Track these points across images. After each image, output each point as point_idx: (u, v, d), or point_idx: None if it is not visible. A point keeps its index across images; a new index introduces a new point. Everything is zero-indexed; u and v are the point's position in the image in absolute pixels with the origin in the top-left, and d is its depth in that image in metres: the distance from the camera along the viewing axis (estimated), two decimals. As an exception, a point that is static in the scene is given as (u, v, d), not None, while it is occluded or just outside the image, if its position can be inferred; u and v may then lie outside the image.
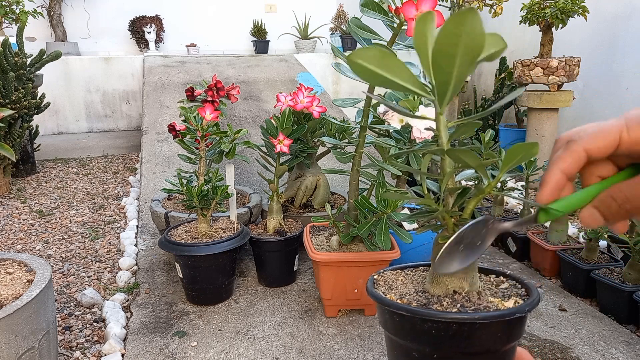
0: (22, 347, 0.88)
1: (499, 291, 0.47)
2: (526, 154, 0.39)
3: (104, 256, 1.77)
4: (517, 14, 2.60)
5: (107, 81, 4.37)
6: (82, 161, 3.21)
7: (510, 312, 0.41)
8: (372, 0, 0.91)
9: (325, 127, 1.65)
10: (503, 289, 0.48)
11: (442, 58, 0.35)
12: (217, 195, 1.36)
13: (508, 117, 3.71)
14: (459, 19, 0.32)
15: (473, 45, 0.34)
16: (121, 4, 5.01)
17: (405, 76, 0.37)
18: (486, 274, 0.51)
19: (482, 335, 0.41)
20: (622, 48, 2.79)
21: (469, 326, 0.41)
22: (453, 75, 0.36)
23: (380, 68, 0.36)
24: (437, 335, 0.41)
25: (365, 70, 0.36)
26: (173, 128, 1.55)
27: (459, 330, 0.41)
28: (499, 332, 0.42)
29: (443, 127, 0.44)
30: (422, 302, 0.46)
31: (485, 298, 0.46)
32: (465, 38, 0.33)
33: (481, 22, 0.32)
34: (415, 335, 0.43)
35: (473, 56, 0.34)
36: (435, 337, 0.41)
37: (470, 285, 0.47)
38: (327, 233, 1.43)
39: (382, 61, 0.36)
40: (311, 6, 5.43)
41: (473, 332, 0.41)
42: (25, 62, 2.59)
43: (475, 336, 0.41)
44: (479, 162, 0.40)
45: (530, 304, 0.43)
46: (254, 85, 3.72)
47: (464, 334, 0.41)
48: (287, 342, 1.21)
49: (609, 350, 1.18)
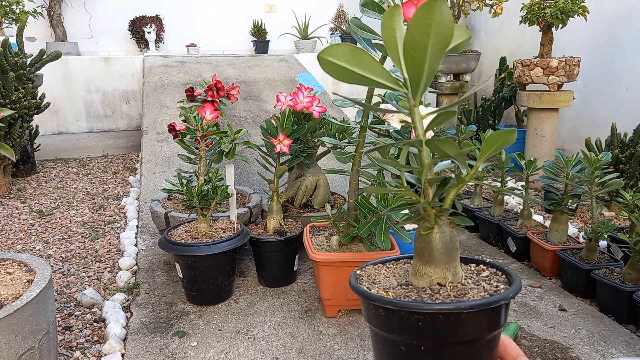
0: (22, 347, 0.88)
1: (481, 279, 0.48)
2: (504, 141, 0.39)
3: (104, 256, 1.77)
4: (517, 14, 2.60)
5: (107, 81, 4.37)
6: (82, 161, 3.21)
7: (495, 300, 0.41)
8: (372, 0, 0.91)
9: (325, 127, 1.65)
10: (484, 277, 0.48)
11: (414, 49, 0.35)
12: (217, 195, 1.36)
13: (508, 117, 3.72)
14: (428, 8, 0.32)
15: (443, 34, 0.34)
16: (121, 4, 5.01)
17: (377, 71, 0.37)
18: (466, 263, 0.52)
19: (468, 324, 0.41)
20: (622, 48, 2.78)
21: (455, 316, 0.41)
22: (425, 65, 0.36)
23: (351, 64, 0.36)
24: (424, 327, 0.41)
25: (336, 68, 0.36)
26: (173, 128, 1.55)
27: (445, 320, 0.41)
28: (484, 320, 0.42)
29: (418, 120, 0.43)
30: (406, 294, 0.46)
31: (468, 287, 0.46)
32: (436, 27, 0.33)
33: (449, 10, 0.33)
34: (402, 328, 0.43)
35: (443, 45, 0.34)
36: (422, 328, 0.41)
37: (454, 275, 0.47)
38: (327, 233, 1.43)
39: (354, 57, 0.35)
40: (311, 6, 5.43)
41: (459, 322, 0.41)
42: (25, 62, 2.59)
43: (461, 326, 0.41)
44: (457, 151, 0.40)
45: (514, 290, 0.43)
46: (254, 85, 3.72)
47: (451, 324, 0.41)
48: (287, 342, 1.21)
49: (609, 350, 1.18)
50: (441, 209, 0.47)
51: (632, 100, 2.73)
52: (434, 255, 0.46)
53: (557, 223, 1.61)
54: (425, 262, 0.47)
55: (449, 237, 0.47)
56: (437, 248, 0.46)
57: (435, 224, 0.46)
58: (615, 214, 2.18)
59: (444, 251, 0.46)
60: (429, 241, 0.47)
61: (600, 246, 1.58)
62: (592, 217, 1.55)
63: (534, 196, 2.46)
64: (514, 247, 1.74)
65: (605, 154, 1.48)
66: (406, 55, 0.36)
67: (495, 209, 1.91)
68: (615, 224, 1.49)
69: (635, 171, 2.03)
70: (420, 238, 0.47)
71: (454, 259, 0.47)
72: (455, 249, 0.47)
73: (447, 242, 0.46)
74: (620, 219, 2.12)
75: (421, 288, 0.46)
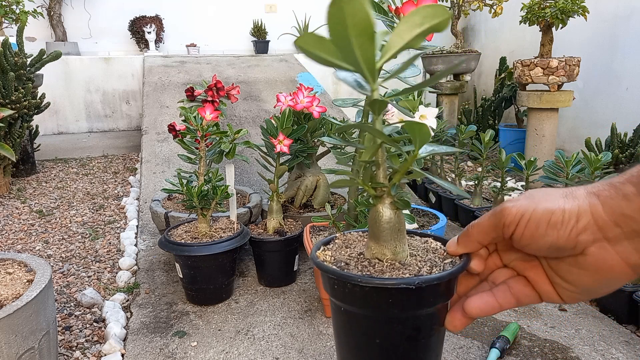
0: (22, 347, 0.88)
1: (439, 264, 0.49)
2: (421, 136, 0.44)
3: (104, 256, 1.77)
4: (517, 14, 2.60)
5: (107, 81, 4.37)
6: (82, 161, 3.21)
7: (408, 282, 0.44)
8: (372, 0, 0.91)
9: (325, 127, 1.65)
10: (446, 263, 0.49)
11: (341, 42, 0.38)
12: (217, 195, 1.36)
13: (508, 117, 3.72)
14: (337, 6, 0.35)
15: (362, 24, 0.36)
16: (121, 4, 5.01)
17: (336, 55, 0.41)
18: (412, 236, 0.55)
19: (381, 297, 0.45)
20: (622, 48, 2.79)
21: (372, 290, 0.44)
22: (357, 55, 0.39)
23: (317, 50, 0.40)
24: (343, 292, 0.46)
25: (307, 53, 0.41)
26: (173, 128, 1.55)
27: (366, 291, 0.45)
28: (390, 298, 0.44)
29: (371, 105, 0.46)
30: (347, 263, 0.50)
31: (402, 267, 0.48)
32: (351, 20, 0.36)
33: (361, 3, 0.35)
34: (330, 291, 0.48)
35: (368, 34, 0.37)
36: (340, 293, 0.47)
37: (393, 254, 0.49)
38: (327, 233, 1.43)
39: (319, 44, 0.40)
40: (311, 6, 5.43)
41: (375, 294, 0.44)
42: (25, 62, 2.60)
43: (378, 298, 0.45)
44: (386, 137, 0.45)
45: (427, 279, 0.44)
46: (254, 85, 3.73)
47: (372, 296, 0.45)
48: (287, 342, 1.21)
49: (609, 350, 1.18)
50: (381, 190, 0.49)
51: (632, 100, 2.73)
52: (373, 231, 0.50)
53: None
54: (370, 237, 0.51)
55: (389, 218, 0.49)
56: (376, 225, 0.49)
57: (377, 204, 0.49)
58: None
59: (384, 230, 0.49)
60: (370, 218, 0.50)
61: (600, 246, 1.58)
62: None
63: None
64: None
65: (605, 154, 1.48)
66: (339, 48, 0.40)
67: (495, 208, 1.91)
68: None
69: (635, 171, 2.03)
70: (369, 214, 0.51)
71: (395, 239, 0.49)
72: (397, 230, 0.49)
73: (386, 222, 0.49)
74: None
75: (366, 259, 0.50)
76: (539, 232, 0.37)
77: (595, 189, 0.37)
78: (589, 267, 0.37)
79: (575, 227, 0.36)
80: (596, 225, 0.36)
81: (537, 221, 0.37)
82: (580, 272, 0.38)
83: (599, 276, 0.37)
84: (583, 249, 0.37)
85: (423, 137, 0.44)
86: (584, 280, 0.38)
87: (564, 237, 0.37)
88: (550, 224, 0.37)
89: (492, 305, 0.43)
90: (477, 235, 0.43)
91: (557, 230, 0.37)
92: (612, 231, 0.35)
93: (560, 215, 0.36)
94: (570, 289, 0.40)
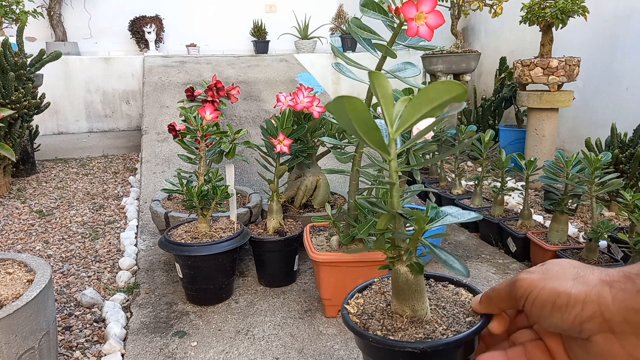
0: (22, 347, 0.88)
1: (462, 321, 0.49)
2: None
3: (104, 256, 1.77)
4: (517, 14, 2.60)
5: (107, 81, 4.37)
6: (82, 161, 3.21)
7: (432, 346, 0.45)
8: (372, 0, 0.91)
9: (325, 127, 1.65)
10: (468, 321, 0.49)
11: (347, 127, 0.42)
12: (217, 195, 1.36)
13: (508, 117, 3.72)
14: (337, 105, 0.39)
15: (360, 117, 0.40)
16: (121, 4, 5.01)
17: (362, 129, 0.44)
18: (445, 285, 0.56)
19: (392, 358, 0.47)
20: (622, 48, 2.79)
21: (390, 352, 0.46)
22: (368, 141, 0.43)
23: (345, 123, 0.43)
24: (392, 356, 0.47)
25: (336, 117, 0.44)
26: (173, 128, 1.55)
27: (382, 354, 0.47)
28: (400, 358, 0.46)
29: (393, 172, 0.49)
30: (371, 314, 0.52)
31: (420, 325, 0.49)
32: (352, 114, 0.40)
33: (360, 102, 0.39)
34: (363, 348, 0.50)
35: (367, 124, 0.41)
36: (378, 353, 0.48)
37: (412, 311, 0.50)
38: (327, 233, 1.43)
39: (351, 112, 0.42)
40: (311, 6, 5.43)
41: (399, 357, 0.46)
42: (25, 62, 2.59)
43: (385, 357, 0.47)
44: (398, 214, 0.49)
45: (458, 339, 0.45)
46: (254, 85, 3.72)
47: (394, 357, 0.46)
48: (287, 342, 1.21)
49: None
50: (398, 254, 0.51)
51: (632, 100, 2.73)
52: (394, 289, 0.52)
53: (557, 223, 1.61)
54: (392, 292, 0.53)
55: (405, 279, 0.51)
56: (396, 285, 0.51)
57: (396, 265, 0.52)
58: (615, 214, 2.19)
59: (401, 289, 0.51)
60: (392, 276, 0.52)
61: (600, 246, 1.58)
62: (592, 217, 1.55)
63: (534, 196, 2.46)
64: (514, 247, 1.74)
65: (605, 154, 1.48)
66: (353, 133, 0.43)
67: (495, 209, 1.91)
68: (615, 224, 1.49)
69: (635, 171, 2.03)
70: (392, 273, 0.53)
71: (413, 299, 0.51)
72: (414, 291, 0.51)
73: (403, 283, 0.51)
74: (620, 219, 2.12)
75: (391, 311, 0.52)
76: (544, 313, 0.38)
77: (609, 278, 0.35)
78: (594, 354, 0.36)
79: (580, 315, 0.35)
80: (602, 317, 0.35)
81: (542, 301, 0.37)
82: (587, 356, 0.37)
83: None
84: (589, 336, 0.36)
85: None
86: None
87: (568, 322, 0.36)
88: (555, 306, 0.37)
89: None
90: (496, 301, 0.44)
91: (562, 314, 0.36)
92: (619, 326, 0.34)
93: (565, 299, 0.36)
94: None
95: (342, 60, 1.07)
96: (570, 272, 0.38)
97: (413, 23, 0.71)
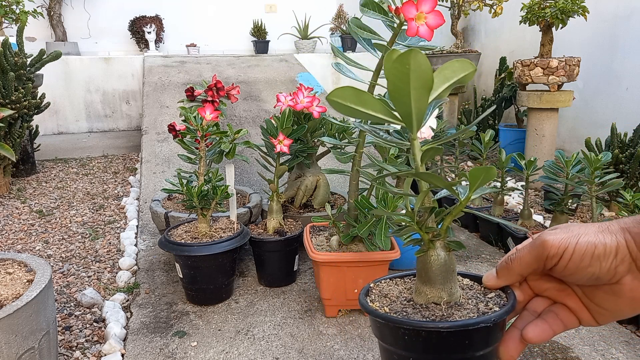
0: (22, 347, 0.88)
1: (484, 300, 0.49)
2: (486, 177, 0.44)
3: (104, 256, 1.77)
4: (517, 14, 2.60)
5: (107, 81, 4.37)
6: (82, 161, 3.21)
7: (474, 322, 0.44)
8: (372, 0, 0.91)
9: (325, 127, 1.65)
10: (490, 298, 0.50)
11: (399, 94, 0.40)
12: (217, 195, 1.36)
13: (508, 117, 3.72)
14: (404, 59, 0.37)
15: (423, 81, 0.39)
16: (121, 4, 5.01)
17: (379, 108, 0.43)
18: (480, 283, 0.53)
19: (450, 342, 0.44)
20: (622, 48, 2.79)
21: (435, 333, 0.44)
22: (412, 107, 0.42)
23: (356, 104, 0.42)
24: (411, 340, 0.45)
25: (343, 107, 0.42)
26: (173, 128, 1.55)
27: (427, 337, 0.44)
28: (466, 339, 0.44)
29: (417, 152, 0.48)
30: (403, 310, 0.49)
31: (463, 307, 0.48)
32: (414, 75, 0.38)
33: (425, 58, 0.37)
34: (393, 340, 0.47)
35: (426, 89, 0.40)
36: (409, 342, 0.45)
37: (449, 295, 0.49)
38: (327, 233, 1.43)
39: (358, 98, 0.42)
40: (311, 6, 5.43)
41: (442, 339, 0.44)
42: (25, 62, 2.59)
43: (445, 343, 0.44)
44: (446, 184, 0.46)
45: (497, 315, 0.45)
46: (254, 85, 3.73)
47: (433, 340, 0.44)
48: (287, 342, 1.21)
49: (609, 351, 1.18)
50: (435, 234, 0.50)
51: (632, 100, 2.73)
52: (430, 276, 0.50)
53: (557, 223, 1.61)
54: (423, 282, 0.50)
55: (444, 260, 0.50)
56: (432, 270, 0.50)
57: (431, 248, 0.50)
58: (615, 214, 2.18)
59: (439, 273, 0.50)
60: (425, 263, 0.50)
61: (600, 246, 1.58)
62: (592, 217, 1.55)
63: (534, 196, 2.46)
64: (514, 247, 1.74)
65: (605, 154, 1.48)
66: (392, 99, 0.42)
67: (495, 209, 1.91)
68: (615, 224, 1.49)
69: (635, 171, 2.03)
70: (419, 259, 0.51)
71: (450, 280, 0.50)
72: (451, 271, 0.50)
73: (442, 265, 0.50)
74: (620, 219, 2.11)
75: (419, 305, 0.50)
76: (583, 264, 0.41)
77: (627, 226, 0.41)
78: (624, 294, 0.41)
79: (615, 260, 0.40)
80: (631, 258, 0.40)
81: (581, 254, 0.41)
82: (616, 299, 0.42)
83: (634, 302, 0.42)
84: (619, 279, 0.41)
85: (488, 178, 0.45)
86: (619, 305, 0.43)
87: (605, 269, 0.40)
88: (594, 256, 0.40)
89: (547, 331, 0.46)
90: (518, 268, 0.46)
91: (601, 262, 0.40)
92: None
93: (602, 249, 0.40)
94: (606, 314, 0.44)
95: (342, 60, 1.07)
96: (593, 228, 0.42)
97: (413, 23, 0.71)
